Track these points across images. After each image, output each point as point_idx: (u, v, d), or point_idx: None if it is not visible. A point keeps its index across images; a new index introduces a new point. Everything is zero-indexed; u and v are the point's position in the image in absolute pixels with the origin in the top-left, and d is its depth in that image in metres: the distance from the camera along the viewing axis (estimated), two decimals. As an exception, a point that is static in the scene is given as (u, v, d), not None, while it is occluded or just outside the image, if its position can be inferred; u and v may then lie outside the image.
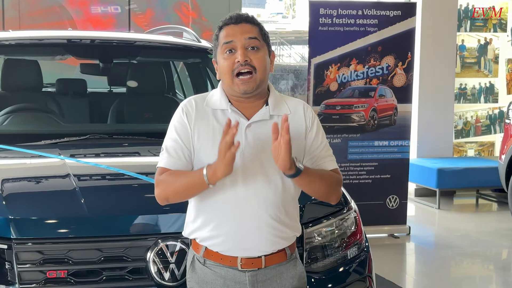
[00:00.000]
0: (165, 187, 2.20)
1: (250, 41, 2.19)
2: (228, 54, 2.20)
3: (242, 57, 2.17)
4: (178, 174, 2.19)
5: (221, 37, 2.22)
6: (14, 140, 3.28)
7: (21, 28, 6.71)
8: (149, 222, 2.59)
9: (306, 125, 2.29)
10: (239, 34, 2.19)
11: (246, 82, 2.18)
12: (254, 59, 2.19)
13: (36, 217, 2.55)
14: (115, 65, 4.54)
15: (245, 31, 2.20)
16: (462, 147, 8.42)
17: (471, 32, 8.29)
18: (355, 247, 2.87)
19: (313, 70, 5.88)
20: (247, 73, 2.18)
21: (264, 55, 2.23)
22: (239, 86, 2.19)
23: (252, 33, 2.20)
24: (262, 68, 2.20)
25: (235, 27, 2.20)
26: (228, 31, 2.21)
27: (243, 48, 2.19)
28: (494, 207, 7.79)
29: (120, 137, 3.54)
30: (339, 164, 6.37)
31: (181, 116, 2.25)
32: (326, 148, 2.32)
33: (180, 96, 5.16)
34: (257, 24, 2.24)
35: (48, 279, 2.43)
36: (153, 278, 2.49)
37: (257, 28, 2.23)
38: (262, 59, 2.21)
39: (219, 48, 2.23)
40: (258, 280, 2.24)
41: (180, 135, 2.22)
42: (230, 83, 2.21)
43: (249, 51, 2.19)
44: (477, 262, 5.74)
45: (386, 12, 5.96)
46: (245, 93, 2.20)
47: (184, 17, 7.46)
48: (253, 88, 2.20)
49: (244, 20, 2.22)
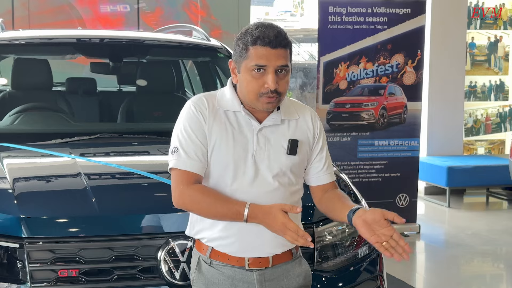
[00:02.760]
0: (193, 203, 2.16)
1: (281, 68, 2.16)
2: (257, 73, 2.15)
3: (273, 85, 2.14)
4: (212, 197, 2.14)
5: (253, 54, 2.14)
6: (25, 139, 3.30)
7: (31, 27, 6.73)
8: (159, 221, 2.59)
9: (314, 134, 2.30)
10: (274, 60, 2.14)
11: (271, 102, 2.17)
12: (281, 84, 2.16)
13: (47, 216, 2.55)
14: (124, 64, 4.54)
15: (279, 58, 2.14)
16: (472, 145, 8.38)
17: (481, 29, 8.25)
18: (366, 246, 2.86)
19: (323, 68, 5.87)
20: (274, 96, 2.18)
21: (289, 75, 2.21)
22: (263, 104, 2.18)
23: (285, 60, 2.16)
24: (285, 91, 2.21)
25: (272, 52, 2.13)
26: (263, 53, 2.14)
27: (274, 74, 2.15)
28: (505, 205, 7.75)
29: (130, 136, 3.55)
30: (348, 163, 6.40)
31: (195, 113, 2.20)
32: (329, 159, 2.36)
33: (189, 95, 5.16)
34: (290, 46, 2.20)
35: (60, 278, 2.44)
36: (164, 277, 2.49)
37: (288, 51, 2.19)
38: (287, 83, 2.20)
39: (248, 63, 2.16)
40: (265, 279, 2.23)
41: (197, 134, 2.18)
42: (253, 99, 2.18)
43: (278, 76, 2.16)
44: (487, 260, 5.71)
45: (395, 9, 5.94)
46: (267, 110, 2.21)
47: (193, 15, 7.47)
48: (274, 107, 2.22)
49: (281, 45, 2.15)
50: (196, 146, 2.17)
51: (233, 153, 2.17)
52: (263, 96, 2.16)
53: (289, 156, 2.22)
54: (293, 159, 2.22)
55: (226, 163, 2.17)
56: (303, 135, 2.26)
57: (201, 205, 2.14)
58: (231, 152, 2.17)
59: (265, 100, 2.16)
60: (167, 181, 2.70)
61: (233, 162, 2.17)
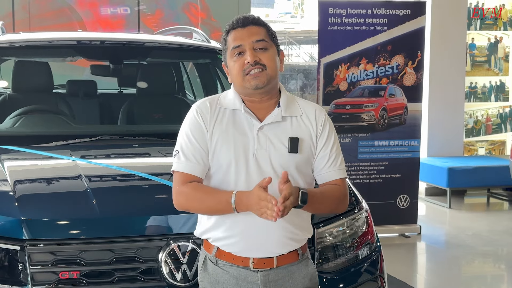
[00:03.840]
0: (188, 201, 2.21)
1: (258, 43, 2.21)
2: (238, 57, 2.22)
3: (251, 58, 2.19)
4: (204, 192, 2.19)
5: (229, 41, 2.24)
6: (26, 141, 3.30)
7: (31, 30, 6.74)
8: (160, 222, 2.59)
9: (316, 130, 2.28)
10: (246, 37, 2.21)
11: (257, 76, 2.19)
12: (263, 58, 2.21)
13: (48, 218, 2.56)
14: (125, 66, 4.55)
15: (252, 34, 2.21)
16: (473, 146, 8.38)
17: (481, 30, 8.25)
18: (367, 247, 2.86)
19: (323, 70, 5.87)
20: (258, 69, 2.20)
21: (273, 54, 2.24)
22: (250, 81, 2.20)
23: (259, 35, 2.22)
24: (272, 65, 2.22)
25: (242, 31, 2.22)
26: (235, 35, 2.22)
27: (252, 50, 2.20)
28: (506, 206, 7.75)
29: (131, 138, 3.56)
30: (349, 164, 6.39)
31: (196, 118, 2.25)
32: (336, 155, 2.29)
33: (190, 97, 5.17)
34: (264, 25, 2.25)
35: (61, 280, 2.45)
36: (165, 279, 2.50)
37: (264, 29, 2.25)
38: (271, 57, 2.23)
39: (228, 52, 2.25)
40: (270, 280, 2.24)
41: (197, 138, 2.22)
42: (241, 82, 2.22)
43: (258, 52, 2.21)
44: (488, 261, 5.71)
45: (395, 11, 5.94)
46: (256, 87, 2.21)
47: (193, 17, 7.47)
48: (264, 83, 2.21)
49: (251, 22, 2.23)
50: (195, 149, 2.21)
51: (234, 153, 2.19)
52: (247, 73, 2.19)
53: (292, 154, 2.21)
54: (296, 157, 2.22)
55: (227, 163, 2.18)
56: (305, 132, 2.25)
57: (195, 201, 2.19)
58: (232, 152, 2.19)
59: (249, 77, 2.19)
60: (167, 182, 2.71)
61: (235, 162, 2.18)
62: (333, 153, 2.29)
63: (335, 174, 2.29)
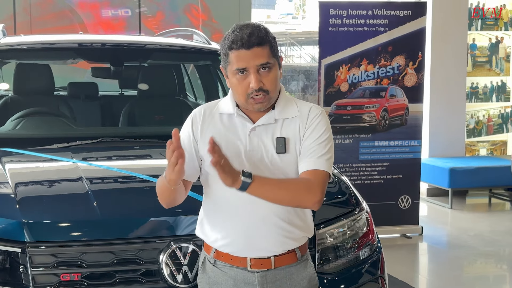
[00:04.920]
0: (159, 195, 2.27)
1: (262, 66, 2.17)
2: (241, 76, 2.18)
3: (256, 84, 2.15)
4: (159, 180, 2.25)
5: (232, 59, 2.17)
6: (27, 144, 3.31)
7: (32, 32, 6.75)
8: (161, 224, 2.60)
9: (305, 125, 2.22)
10: (251, 61, 2.15)
11: (260, 102, 2.18)
12: (266, 82, 2.17)
13: (49, 221, 2.57)
14: (126, 68, 4.56)
15: (257, 57, 2.15)
16: (474, 146, 8.38)
17: (482, 30, 8.25)
18: (367, 247, 2.87)
19: (324, 71, 5.88)
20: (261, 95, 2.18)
21: (276, 72, 2.21)
22: (253, 105, 2.19)
23: (263, 58, 2.16)
24: (273, 88, 2.20)
25: (247, 53, 2.15)
26: (240, 56, 2.16)
27: (256, 73, 2.16)
28: (507, 206, 7.74)
29: (132, 140, 3.56)
30: (350, 165, 6.39)
31: (188, 125, 2.28)
32: (318, 148, 2.19)
33: (191, 99, 5.17)
34: (268, 41, 2.18)
35: (62, 282, 2.45)
36: (166, 280, 2.50)
37: (267, 47, 2.18)
38: (273, 79, 2.19)
39: (231, 68, 2.19)
40: (267, 280, 2.24)
41: (185, 144, 2.22)
42: (243, 102, 2.21)
43: (261, 73, 2.17)
44: (490, 262, 5.71)
45: (396, 12, 5.94)
46: (258, 110, 2.22)
47: (194, 19, 7.48)
48: (266, 106, 2.22)
49: (255, 44, 2.15)
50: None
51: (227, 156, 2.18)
52: (250, 97, 2.18)
53: (281, 155, 2.20)
54: (285, 158, 2.21)
55: None
56: (293, 132, 2.23)
57: (157, 191, 2.26)
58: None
59: (253, 101, 2.18)
60: (168, 184, 2.71)
61: None
62: (316, 145, 2.20)
63: (311, 164, 2.18)
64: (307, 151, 2.20)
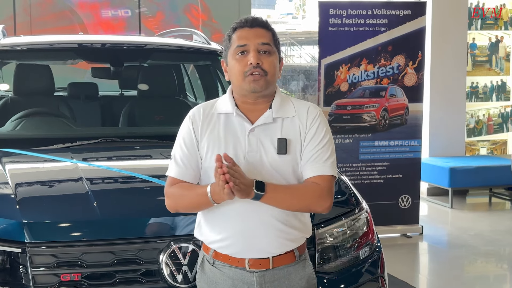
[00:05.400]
0: (175, 201, 2.26)
1: (263, 46, 2.23)
2: (241, 56, 2.23)
3: (255, 60, 2.20)
4: (186, 189, 2.23)
5: (235, 39, 2.25)
6: (27, 144, 3.31)
7: (32, 33, 6.75)
8: (161, 224, 2.60)
9: (305, 128, 2.24)
10: (253, 38, 2.22)
11: (256, 80, 2.20)
12: (265, 62, 2.22)
13: (50, 221, 2.57)
14: (126, 69, 4.56)
15: (259, 36, 2.23)
16: (475, 146, 8.38)
17: (482, 30, 8.25)
18: (367, 247, 2.87)
19: (324, 71, 5.88)
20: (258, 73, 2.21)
21: (275, 60, 2.26)
22: (249, 83, 2.21)
23: (265, 38, 2.24)
24: (272, 71, 2.23)
25: (250, 31, 2.23)
26: (242, 34, 2.24)
27: (256, 51, 2.21)
28: (508, 205, 7.74)
29: (132, 140, 3.56)
30: (350, 165, 6.39)
31: (188, 124, 2.28)
32: (323, 151, 2.22)
33: (191, 99, 5.18)
34: (271, 29, 2.28)
35: (62, 282, 2.46)
36: (166, 280, 2.50)
37: (270, 33, 2.27)
38: (273, 63, 2.24)
39: (231, 49, 2.25)
40: (266, 280, 2.25)
41: (187, 144, 2.25)
42: (240, 82, 2.22)
43: (261, 55, 2.22)
44: (490, 261, 5.71)
45: (396, 11, 5.95)
46: (254, 91, 2.22)
47: (194, 19, 7.49)
48: (262, 87, 2.22)
49: (259, 25, 2.25)
50: (184, 154, 2.26)
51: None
52: (248, 74, 2.20)
53: (282, 156, 2.21)
54: (286, 159, 2.21)
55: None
56: (295, 132, 2.24)
57: (179, 200, 2.25)
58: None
59: (250, 78, 2.20)
60: (168, 184, 2.72)
61: None
62: (319, 149, 2.22)
63: (318, 169, 2.20)
64: (311, 156, 2.22)
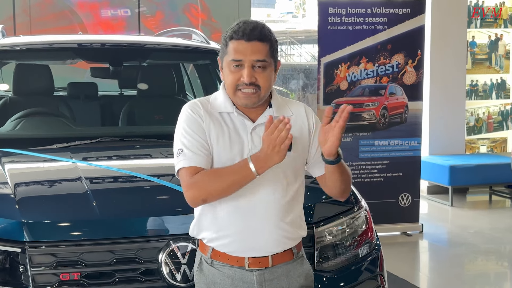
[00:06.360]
0: (203, 188, 2.14)
1: (258, 63, 2.18)
2: (235, 68, 2.18)
3: (248, 78, 2.16)
4: (215, 172, 2.16)
5: (230, 49, 2.18)
6: (26, 144, 3.32)
7: (32, 33, 6.76)
8: (160, 223, 2.61)
9: (310, 127, 2.30)
10: (248, 54, 2.16)
11: (248, 96, 2.19)
12: (259, 78, 2.18)
13: (49, 221, 2.57)
14: (125, 68, 4.57)
15: (255, 52, 2.16)
16: (474, 144, 8.39)
17: (481, 28, 8.25)
18: (366, 245, 2.87)
19: (323, 69, 5.88)
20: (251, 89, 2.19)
21: (270, 73, 2.22)
22: (241, 99, 2.20)
23: (261, 55, 2.16)
24: (266, 86, 2.20)
25: (246, 45, 2.16)
26: (238, 48, 2.17)
27: (250, 68, 2.17)
28: (508, 203, 7.75)
29: (131, 140, 3.57)
30: (350, 163, 6.39)
31: (193, 115, 2.24)
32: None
33: (190, 98, 5.17)
34: (269, 40, 2.19)
35: (62, 282, 2.46)
36: (165, 279, 2.51)
37: (267, 45, 2.19)
38: (267, 77, 2.20)
39: (227, 58, 2.21)
40: (265, 279, 2.25)
41: (197, 132, 2.20)
42: (232, 94, 2.22)
43: (255, 70, 2.18)
44: (491, 259, 5.71)
45: (395, 10, 5.95)
46: (246, 106, 2.22)
47: (193, 19, 7.49)
48: (254, 103, 2.21)
49: (256, 38, 2.16)
50: (199, 142, 2.19)
51: (230, 153, 2.20)
52: (239, 89, 2.18)
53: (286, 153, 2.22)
54: (290, 156, 2.20)
55: (224, 163, 2.19)
56: (298, 130, 2.25)
57: (210, 184, 2.13)
58: (228, 152, 2.20)
59: (241, 94, 2.19)
60: (168, 184, 2.73)
61: (231, 162, 2.18)
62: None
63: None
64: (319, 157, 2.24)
